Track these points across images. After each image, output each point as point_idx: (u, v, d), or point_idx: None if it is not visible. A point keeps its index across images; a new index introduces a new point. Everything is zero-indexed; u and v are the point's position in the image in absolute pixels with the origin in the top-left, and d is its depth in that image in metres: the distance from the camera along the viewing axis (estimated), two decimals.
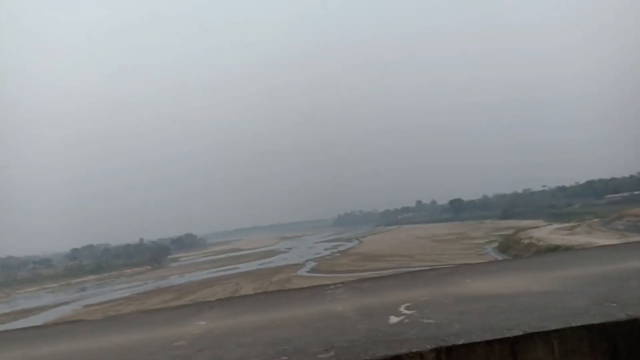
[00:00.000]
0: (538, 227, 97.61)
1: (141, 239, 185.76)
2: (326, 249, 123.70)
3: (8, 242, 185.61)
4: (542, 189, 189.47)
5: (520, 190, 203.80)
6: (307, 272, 77.57)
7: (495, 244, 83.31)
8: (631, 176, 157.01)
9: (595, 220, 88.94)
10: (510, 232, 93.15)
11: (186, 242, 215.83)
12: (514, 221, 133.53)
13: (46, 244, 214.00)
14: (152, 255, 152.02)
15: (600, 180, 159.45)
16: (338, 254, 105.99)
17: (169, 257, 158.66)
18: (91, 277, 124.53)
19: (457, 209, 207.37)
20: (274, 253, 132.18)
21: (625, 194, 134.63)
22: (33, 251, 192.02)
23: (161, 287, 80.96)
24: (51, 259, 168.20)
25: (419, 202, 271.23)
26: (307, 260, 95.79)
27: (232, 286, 66.11)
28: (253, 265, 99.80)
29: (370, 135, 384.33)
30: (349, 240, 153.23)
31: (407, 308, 3.89)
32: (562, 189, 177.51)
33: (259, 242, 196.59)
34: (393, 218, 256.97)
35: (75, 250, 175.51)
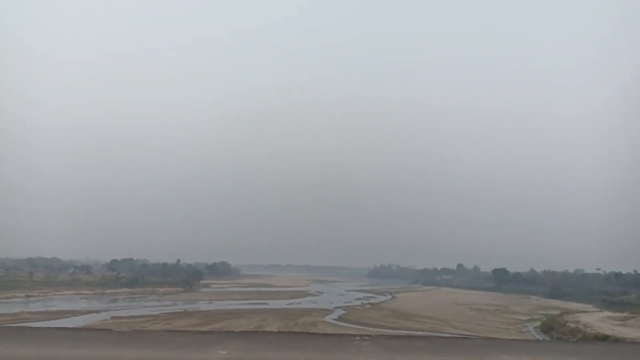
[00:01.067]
0: (587, 312, 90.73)
1: (178, 260, 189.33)
2: (357, 299, 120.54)
3: (54, 245, 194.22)
4: (596, 271, 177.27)
5: (572, 270, 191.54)
6: (335, 319, 75.58)
7: (538, 323, 77.97)
8: None
9: None
10: (556, 312, 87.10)
11: (220, 270, 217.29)
12: (561, 302, 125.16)
13: (90, 251, 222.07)
14: (185, 277, 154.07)
15: None
16: (369, 306, 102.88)
17: (202, 282, 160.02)
18: (125, 289, 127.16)
19: (501, 280, 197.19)
20: (304, 294, 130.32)
21: None
22: (76, 256, 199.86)
23: (189, 310, 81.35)
24: (91, 266, 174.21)
25: (460, 266, 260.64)
26: (336, 307, 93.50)
27: (258, 321, 65.30)
28: (281, 304, 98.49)
29: (416, 189, 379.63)
30: (382, 293, 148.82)
31: None
32: (618, 275, 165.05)
33: (291, 281, 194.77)
34: (431, 278, 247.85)
35: (115, 261, 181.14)
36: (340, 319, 76.70)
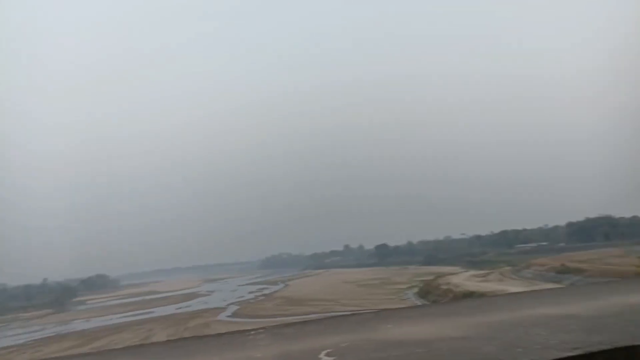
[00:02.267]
0: (456, 273, 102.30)
1: (45, 279, 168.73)
2: (250, 292, 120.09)
3: None
4: (461, 236, 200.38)
5: (441, 238, 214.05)
6: (229, 316, 74.43)
7: (416, 290, 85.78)
8: (539, 228, 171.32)
9: (507, 268, 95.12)
10: (431, 277, 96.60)
11: (97, 283, 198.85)
12: (435, 267, 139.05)
13: None
14: (55, 297, 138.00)
15: (512, 230, 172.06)
16: (262, 298, 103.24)
17: (75, 299, 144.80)
18: None
19: (383, 254, 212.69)
20: (193, 296, 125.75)
21: (534, 245, 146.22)
22: None
23: (62, 333, 73.23)
24: None
25: (346, 247, 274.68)
26: (229, 304, 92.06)
27: (144, 332, 61.47)
28: (169, 310, 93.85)
29: (298, 179, 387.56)
30: (275, 283, 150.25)
31: (327, 354, 3.81)
32: (478, 237, 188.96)
33: (178, 285, 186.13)
34: (321, 262, 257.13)
35: None
36: (234, 314, 75.69)
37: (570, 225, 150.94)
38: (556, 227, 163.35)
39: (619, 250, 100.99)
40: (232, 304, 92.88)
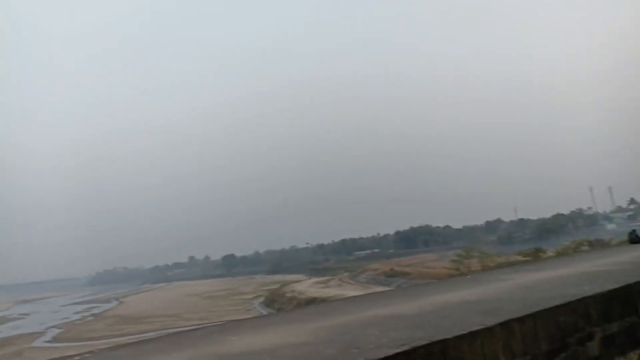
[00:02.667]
0: (300, 281, 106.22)
1: None
2: (76, 313, 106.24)
3: None
4: (305, 246, 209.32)
5: (287, 247, 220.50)
6: (47, 341, 64.68)
7: (262, 299, 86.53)
8: (372, 236, 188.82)
9: (345, 274, 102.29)
10: (276, 286, 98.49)
11: None
12: (280, 276, 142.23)
13: None
14: None
15: (350, 239, 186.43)
16: (91, 318, 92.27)
17: None
18: None
19: (230, 265, 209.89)
20: (2, 320, 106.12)
21: (368, 252, 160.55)
22: None
23: None
24: None
25: (191, 258, 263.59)
26: (48, 328, 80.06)
27: None
28: None
29: (141, 186, 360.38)
30: (107, 301, 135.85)
31: None
32: (321, 246, 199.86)
33: None
34: (163, 275, 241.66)
35: None
36: (55, 339, 66.10)
37: (397, 233, 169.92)
38: (387, 235, 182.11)
39: (435, 255, 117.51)
40: (53, 327, 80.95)
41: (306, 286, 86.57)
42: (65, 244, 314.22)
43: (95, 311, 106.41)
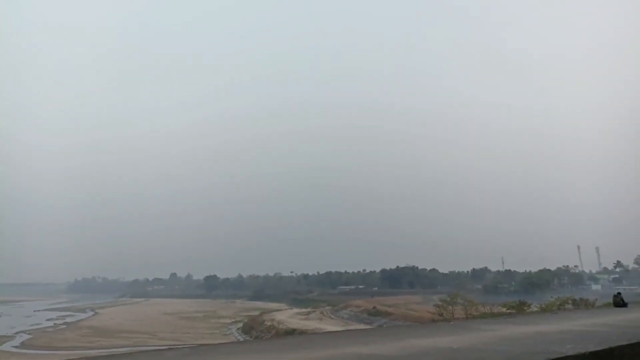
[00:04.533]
0: (281, 310, 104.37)
1: None
2: (50, 319, 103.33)
3: None
4: (290, 274, 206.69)
5: (272, 274, 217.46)
6: (15, 347, 62.63)
7: (241, 324, 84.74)
8: (358, 272, 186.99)
9: (328, 307, 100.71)
10: (256, 313, 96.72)
11: None
12: (262, 303, 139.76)
13: None
14: None
15: (336, 272, 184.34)
16: (64, 326, 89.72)
17: None
18: None
19: (211, 286, 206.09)
20: None
21: (353, 287, 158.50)
22: None
23: None
24: None
25: (173, 275, 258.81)
26: (18, 332, 77.68)
27: None
28: None
29: (130, 198, 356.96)
30: (83, 310, 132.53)
31: None
32: (305, 276, 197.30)
33: None
34: (142, 289, 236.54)
35: None
36: (23, 345, 64.04)
37: (383, 272, 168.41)
38: (372, 272, 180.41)
39: (420, 297, 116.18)
40: (23, 332, 78.56)
41: (287, 316, 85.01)
42: (46, 248, 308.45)
43: (69, 320, 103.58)
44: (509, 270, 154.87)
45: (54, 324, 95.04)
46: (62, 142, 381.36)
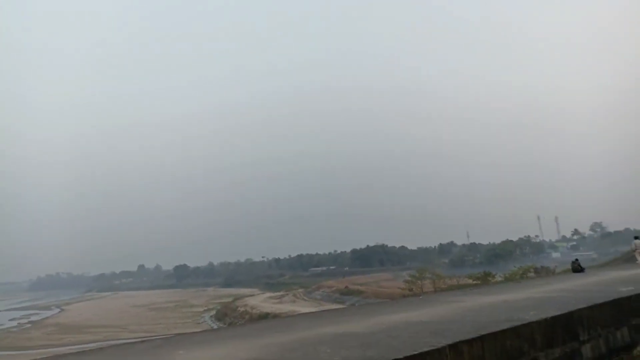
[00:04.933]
0: (254, 295, 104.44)
1: None
2: (13, 319, 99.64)
3: None
4: (261, 259, 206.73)
5: (243, 260, 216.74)
6: None
7: (214, 312, 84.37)
8: (329, 253, 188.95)
9: (300, 290, 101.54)
10: (229, 300, 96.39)
11: None
12: (234, 289, 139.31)
13: None
14: None
15: (307, 254, 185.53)
16: (29, 325, 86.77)
17: None
18: None
19: (181, 275, 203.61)
20: None
21: (324, 268, 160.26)
22: None
23: None
24: None
25: (141, 267, 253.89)
26: None
27: None
28: None
29: (94, 189, 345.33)
30: (48, 308, 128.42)
31: None
32: (277, 260, 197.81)
33: None
34: (109, 283, 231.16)
35: None
36: None
37: (354, 252, 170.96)
38: (343, 253, 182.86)
39: (389, 274, 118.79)
40: None
41: (259, 301, 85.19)
42: (4, 245, 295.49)
43: (34, 318, 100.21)
44: (474, 243, 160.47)
45: (18, 323, 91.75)
46: (35, 134, 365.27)
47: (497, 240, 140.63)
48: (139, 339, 10.02)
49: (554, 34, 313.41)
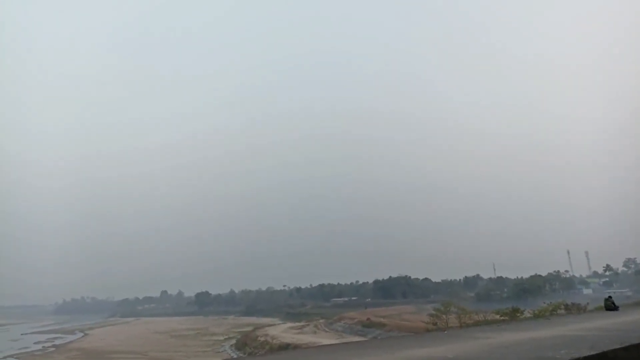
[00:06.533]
0: (274, 325, 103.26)
1: None
2: (38, 342, 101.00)
3: None
4: (282, 288, 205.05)
5: (264, 288, 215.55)
6: None
7: (234, 341, 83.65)
8: (351, 283, 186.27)
9: (321, 320, 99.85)
10: (249, 329, 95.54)
11: None
12: (255, 318, 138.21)
13: None
14: None
15: (329, 284, 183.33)
16: (52, 349, 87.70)
17: None
18: None
19: (203, 303, 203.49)
20: None
21: (346, 299, 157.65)
22: None
23: None
24: None
25: (163, 292, 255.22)
26: (6, 357, 75.70)
27: None
28: None
29: (117, 216, 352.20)
30: (72, 332, 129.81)
31: None
32: (298, 289, 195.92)
33: None
34: (133, 308, 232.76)
35: None
36: None
37: (376, 282, 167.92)
38: (365, 284, 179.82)
39: (413, 307, 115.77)
40: (10, 356, 76.57)
41: (280, 331, 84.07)
42: (30, 269, 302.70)
43: (58, 342, 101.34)
44: (501, 277, 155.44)
45: (42, 347, 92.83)
46: (51, 160, 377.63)
47: (525, 275, 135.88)
48: None
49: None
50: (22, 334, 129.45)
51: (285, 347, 55.42)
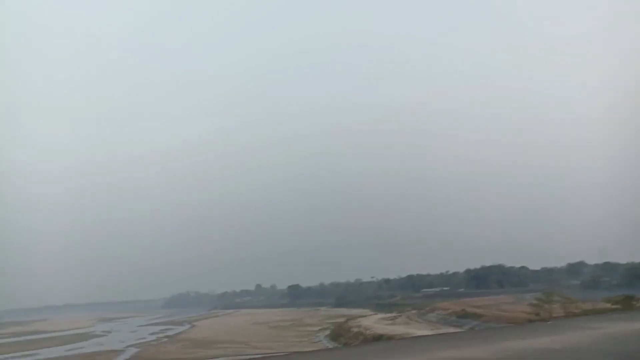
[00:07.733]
0: (366, 316, 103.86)
1: None
2: (152, 333, 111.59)
3: None
4: (370, 280, 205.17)
5: (352, 280, 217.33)
6: (127, 359, 68.39)
7: (328, 332, 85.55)
8: (441, 274, 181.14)
9: (413, 311, 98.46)
10: (342, 320, 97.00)
11: None
12: (345, 310, 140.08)
13: None
14: None
15: (418, 275, 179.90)
16: (166, 339, 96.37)
17: None
18: None
19: (295, 295, 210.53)
20: (87, 336, 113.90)
21: (437, 289, 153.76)
22: None
23: None
24: None
25: (258, 286, 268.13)
26: (127, 347, 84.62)
27: None
28: (58, 351, 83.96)
29: (209, 215, 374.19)
30: (181, 323, 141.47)
31: None
32: (387, 280, 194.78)
33: (69, 324, 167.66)
34: (231, 301, 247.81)
35: None
36: (133, 358, 69.69)
37: (468, 272, 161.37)
38: (456, 274, 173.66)
39: (510, 297, 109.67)
40: (131, 346, 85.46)
41: (372, 322, 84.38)
42: (148, 265, 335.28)
43: (169, 333, 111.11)
44: (609, 262, 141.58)
45: (157, 337, 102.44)
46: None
47: (638, 259, 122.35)
48: (262, 355, 10.62)
49: None
50: (138, 326, 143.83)
51: (379, 337, 55.56)
